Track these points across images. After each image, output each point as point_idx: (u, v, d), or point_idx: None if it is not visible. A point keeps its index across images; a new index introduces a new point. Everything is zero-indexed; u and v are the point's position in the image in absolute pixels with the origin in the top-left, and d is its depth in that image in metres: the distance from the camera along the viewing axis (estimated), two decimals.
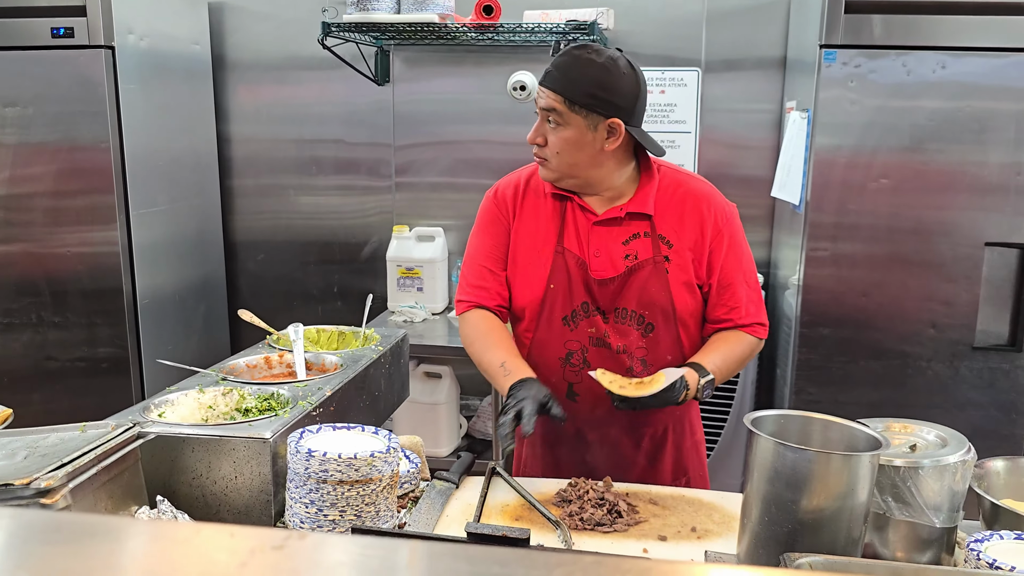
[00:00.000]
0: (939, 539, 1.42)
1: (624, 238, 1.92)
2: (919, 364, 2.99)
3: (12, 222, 3.26)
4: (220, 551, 0.62)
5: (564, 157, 1.85)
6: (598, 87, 1.79)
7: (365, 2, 3.27)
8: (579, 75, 1.80)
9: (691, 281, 1.91)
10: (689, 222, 1.92)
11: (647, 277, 1.90)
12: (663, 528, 1.64)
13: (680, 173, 2.00)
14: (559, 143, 1.84)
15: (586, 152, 1.84)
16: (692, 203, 1.93)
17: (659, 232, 1.91)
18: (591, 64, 1.79)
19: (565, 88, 1.80)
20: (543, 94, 1.83)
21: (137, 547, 0.65)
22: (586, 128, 1.81)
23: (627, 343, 1.93)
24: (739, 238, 1.97)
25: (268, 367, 2.12)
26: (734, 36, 3.52)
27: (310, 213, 3.99)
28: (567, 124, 1.82)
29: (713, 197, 1.96)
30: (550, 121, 1.84)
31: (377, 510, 1.51)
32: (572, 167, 1.87)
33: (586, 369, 1.91)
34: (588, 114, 1.80)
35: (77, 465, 1.36)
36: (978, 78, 2.84)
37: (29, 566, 0.59)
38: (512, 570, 0.60)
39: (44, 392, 3.35)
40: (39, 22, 3.12)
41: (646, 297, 1.90)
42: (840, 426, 1.47)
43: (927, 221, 2.93)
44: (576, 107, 1.80)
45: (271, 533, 0.63)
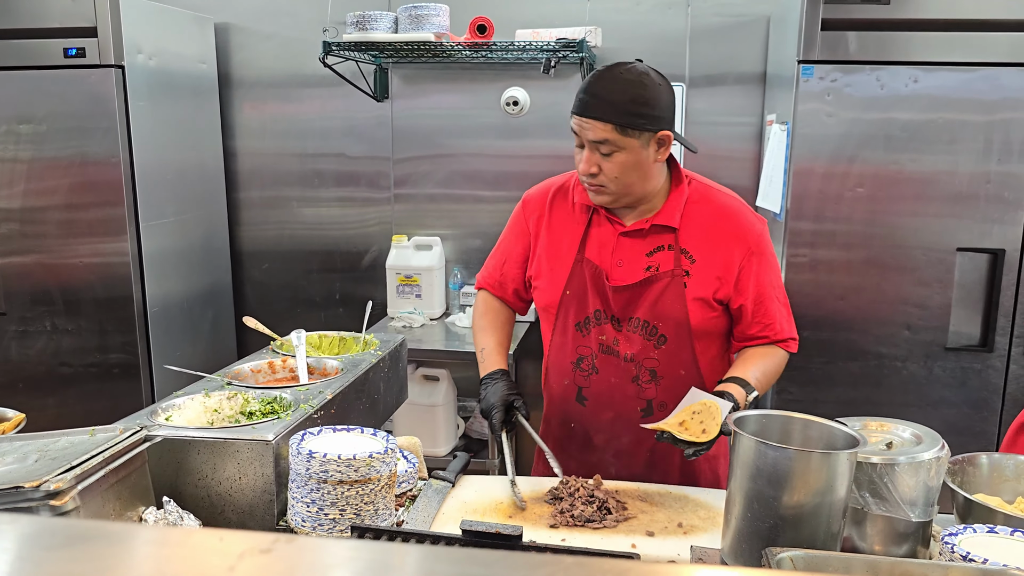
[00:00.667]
0: (915, 533, 1.43)
1: (649, 249, 1.91)
2: (895, 364, 3.07)
3: (27, 234, 3.31)
4: (209, 555, 0.62)
5: (623, 179, 1.83)
6: (643, 105, 1.76)
7: (364, 22, 3.33)
8: (622, 99, 1.76)
9: (709, 297, 1.88)
10: (717, 239, 1.89)
11: (663, 289, 1.88)
12: (651, 524, 1.67)
13: (710, 188, 1.97)
14: (616, 168, 1.81)
15: (642, 169, 1.83)
16: (722, 220, 1.90)
17: (682, 246, 1.89)
18: (629, 84, 1.76)
19: (612, 115, 1.76)
20: (589, 126, 1.78)
21: (129, 552, 0.65)
22: (640, 148, 1.79)
23: (636, 352, 1.93)
24: (770, 255, 1.93)
25: (272, 372, 2.13)
26: (716, 53, 3.58)
27: (313, 224, 4.05)
28: (622, 148, 1.78)
29: (743, 214, 1.92)
30: (602, 151, 1.80)
31: (376, 509, 1.52)
32: (629, 187, 1.85)
33: (595, 375, 1.96)
34: (640, 134, 1.78)
35: (86, 468, 1.36)
36: (948, 91, 2.92)
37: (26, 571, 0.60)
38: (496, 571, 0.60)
39: (58, 397, 3.39)
40: (52, 43, 3.18)
41: (659, 308, 1.89)
42: (819, 425, 1.48)
43: (901, 228, 3.01)
44: (628, 130, 1.76)
45: (260, 537, 0.63)
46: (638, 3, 3.62)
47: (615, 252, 1.93)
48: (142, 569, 0.61)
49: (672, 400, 1.90)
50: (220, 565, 0.59)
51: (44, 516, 1.28)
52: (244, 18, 3.93)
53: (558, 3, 3.64)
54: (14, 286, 3.37)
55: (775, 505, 1.36)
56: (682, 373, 1.94)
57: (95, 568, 0.59)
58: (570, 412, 2.06)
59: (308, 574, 0.60)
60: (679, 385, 1.91)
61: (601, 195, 1.88)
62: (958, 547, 1.30)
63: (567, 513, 1.69)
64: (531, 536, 1.61)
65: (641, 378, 1.95)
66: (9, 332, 3.40)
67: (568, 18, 3.56)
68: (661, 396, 1.96)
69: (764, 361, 1.92)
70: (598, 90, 1.78)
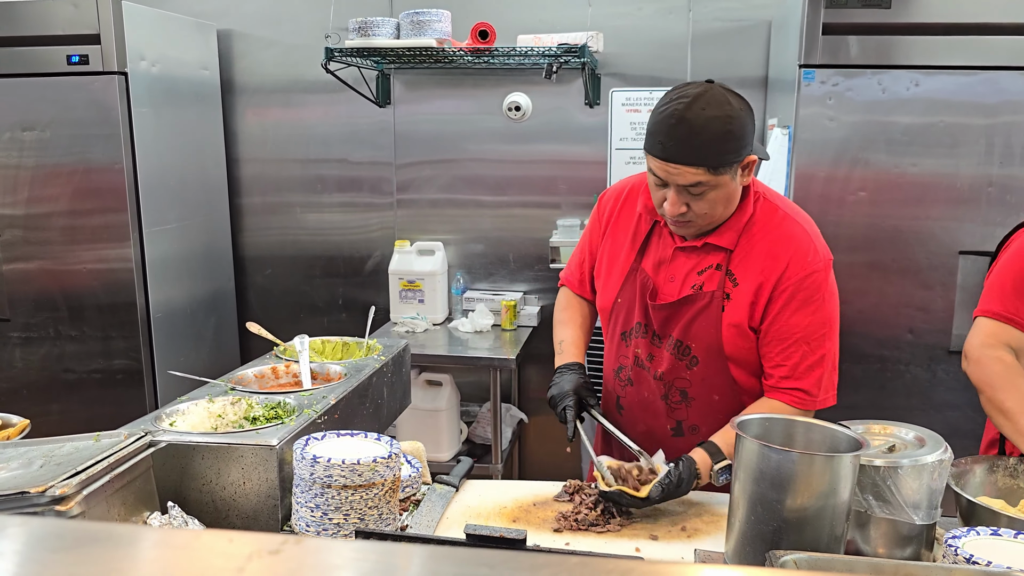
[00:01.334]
0: (918, 536, 1.43)
1: (700, 268, 1.84)
2: (897, 368, 3.07)
3: (31, 240, 3.33)
4: (218, 556, 0.62)
5: (712, 214, 1.76)
6: (734, 141, 1.67)
7: (366, 28, 3.34)
8: (710, 139, 1.65)
9: (743, 323, 1.79)
10: (764, 264, 1.78)
11: (700, 310, 1.82)
12: (655, 528, 1.68)
13: (777, 209, 1.83)
14: (707, 205, 1.73)
15: (731, 199, 1.77)
16: (775, 246, 1.79)
17: (731, 267, 1.81)
18: (715, 121, 1.65)
19: (705, 159, 1.66)
20: (677, 171, 1.68)
21: (138, 554, 0.65)
22: (731, 180, 1.72)
23: (666, 371, 1.88)
24: (812, 295, 1.76)
25: (275, 377, 2.13)
26: (718, 57, 3.60)
27: (315, 229, 4.06)
28: (716, 187, 1.70)
29: (799, 242, 1.78)
30: (692, 192, 1.71)
31: (380, 513, 1.52)
32: (717, 218, 1.79)
33: (630, 387, 1.95)
34: (730, 167, 1.70)
35: (90, 473, 1.36)
36: (949, 95, 2.93)
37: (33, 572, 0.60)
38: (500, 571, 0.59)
39: (61, 403, 3.40)
40: (56, 50, 3.20)
41: (693, 329, 1.83)
42: (822, 428, 1.48)
43: (904, 231, 3.01)
44: (721, 169, 1.68)
45: (269, 538, 0.63)
46: (640, 8, 3.63)
47: (669, 266, 1.88)
48: (151, 571, 0.62)
49: (705, 424, 1.88)
50: (229, 566, 0.59)
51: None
52: (246, 25, 3.94)
53: (560, 8, 3.65)
54: (18, 292, 3.38)
55: (778, 508, 1.36)
56: (716, 398, 1.87)
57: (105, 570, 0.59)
58: (612, 418, 2.04)
59: (316, 575, 0.60)
60: (714, 411, 1.87)
61: (687, 228, 1.81)
62: (962, 550, 1.29)
63: (571, 517, 1.70)
64: (535, 540, 1.62)
65: (671, 397, 1.91)
66: (13, 338, 3.41)
67: (570, 23, 3.57)
68: (693, 419, 1.91)
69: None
70: (682, 133, 1.66)
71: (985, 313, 1.91)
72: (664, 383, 1.90)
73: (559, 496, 1.82)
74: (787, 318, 1.76)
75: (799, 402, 1.79)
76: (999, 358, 1.83)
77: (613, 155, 3.66)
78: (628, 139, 3.64)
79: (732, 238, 1.81)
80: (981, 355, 1.85)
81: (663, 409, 1.93)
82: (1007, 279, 1.90)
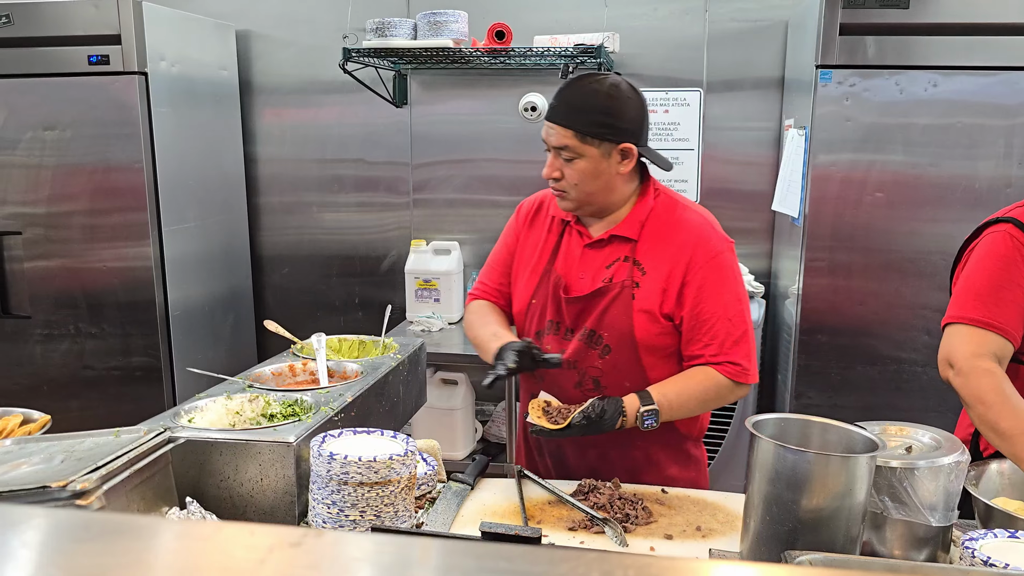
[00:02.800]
0: (935, 537, 1.43)
1: (608, 261, 1.93)
2: (914, 369, 3.06)
3: (52, 239, 3.36)
4: (240, 548, 0.63)
5: (582, 187, 1.85)
6: (606, 115, 1.79)
7: (383, 28, 3.35)
8: (586, 106, 1.79)
9: (654, 310, 1.87)
10: (670, 252, 1.88)
11: (611, 300, 1.89)
12: (669, 527, 1.68)
13: (676, 202, 1.96)
14: (576, 175, 1.84)
15: (603, 179, 1.85)
16: (680, 234, 1.89)
17: (637, 257, 1.90)
18: (596, 94, 1.79)
19: (574, 122, 1.79)
20: (553, 131, 1.82)
21: (161, 545, 0.65)
22: (600, 157, 1.82)
23: (580, 360, 1.94)
24: (723, 275, 1.88)
25: (292, 375, 2.15)
26: (734, 58, 3.59)
27: (332, 229, 4.08)
28: (582, 156, 1.81)
29: (702, 228, 1.90)
30: (563, 156, 1.83)
31: (395, 510, 1.53)
32: (590, 195, 1.87)
33: (542, 384, 1.97)
34: (600, 143, 1.80)
35: (111, 468, 1.37)
36: (968, 96, 2.91)
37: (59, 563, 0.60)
38: (519, 566, 0.60)
39: (81, 399, 3.43)
40: (77, 50, 3.22)
41: (607, 319, 1.89)
42: (838, 429, 1.48)
43: (921, 232, 3.00)
44: (588, 138, 1.79)
45: (290, 531, 0.64)
46: (656, 9, 3.63)
47: (579, 264, 1.95)
48: (175, 561, 0.62)
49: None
50: (251, 558, 0.60)
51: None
52: (265, 25, 3.97)
53: (576, 9, 3.65)
54: (39, 290, 3.42)
55: (794, 509, 1.36)
56: (627, 385, 1.91)
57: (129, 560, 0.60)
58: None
59: (336, 567, 0.61)
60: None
61: (564, 201, 1.91)
62: (979, 552, 1.30)
63: (586, 517, 1.70)
64: (550, 539, 1.63)
65: (584, 385, 1.96)
66: (34, 335, 3.45)
67: (586, 24, 3.58)
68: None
69: (687, 381, 1.88)
70: (566, 96, 1.82)
71: (964, 320, 1.84)
72: (578, 372, 1.95)
73: (574, 495, 1.82)
74: (705, 299, 1.85)
75: (735, 375, 1.86)
76: (989, 370, 1.77)
77: None
78: None
79: (636, 228, 1.90)
80: (972, 367, 1.78)
81: (577, 397, 1.95)
82: (981, 283, 1.86)
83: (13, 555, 0.59)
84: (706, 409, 1.95)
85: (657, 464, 2.02)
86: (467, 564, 0.62)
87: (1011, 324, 1.81)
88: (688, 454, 2.06)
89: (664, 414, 1.81)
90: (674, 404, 1.83)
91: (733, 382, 1.86)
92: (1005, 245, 1.86)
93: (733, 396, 1.91)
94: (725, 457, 3.29)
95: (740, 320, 1.88)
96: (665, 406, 1.82)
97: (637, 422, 1.79)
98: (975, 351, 1.80)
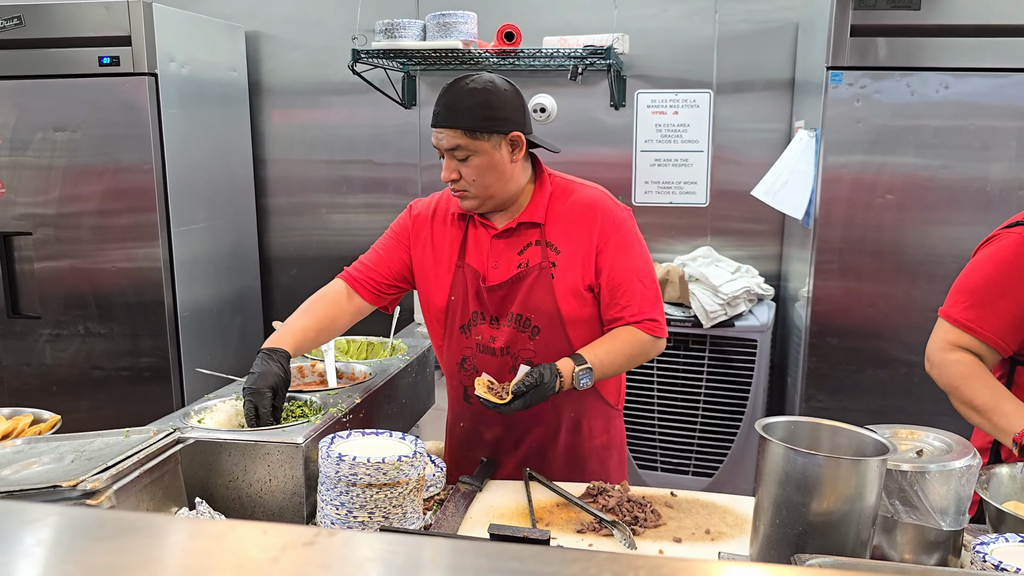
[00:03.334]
0: (946, 542, 1.42)
1: (519, 248, 1.99)
2: (924, 373, 3.05)
3: (61, 239, 3.38)
4: (254, 547, 0.64)
5: (480, 182, 1.92)
6: (488, 109, 1.87)
7: (393, 30, 3.36)
8: (468, 105, 1.87)
9: (578, 286, 1.96)
10: (579, 228, 1.96)
11: (532, 282, 1.96)
12: (678, 530, 1.68)
13: (571, 182, 2.05)
14: (472, 172, 1.90)
15: (498, 171, 1.91)
16: (581, 210, 1.97)
17: (548, 239, 1.97)
18: (474, 92, 1.87)
19: (460, 121, 1.87)
20: (442, 135, 1.89)
21: (175, 542, 0.66)
22: (491, 150, 1.89)
23: (511, 345, 2.01)
24: (629, 240, 1.98)
25: (301, 376, 2.18)
26: (744, 59, 3.58)
27: (340, 230, 4.09)
28: (474, 152, 1.88)
29: (602, 202, 1.99)
30: (457, 157, 1.90)
31: (404, 512, 1.55)
32: (489, 189, 1.93)
33: (476, 374, 1.99)
34: (489, 136, 1.88)
35: (121, 468, 1.39)
36: (980, 97, 2.91)
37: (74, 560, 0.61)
38: (529, 566, 0.60)
39: (90, 399, 3.45)
40: (87, 51, 3.24)
41: (531, 302, 1.97)
42: (848, 432, 1.47)
43: (932, 235, 2.99)
44: (477, 134, 1.87)
45: (302, 530, 0.65)
46: (665, 10, 3.62)
47: (490, 255, 2.01)
48: (189, 559, 0.63)
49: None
50: (264, 556, 0.60)
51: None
52: (274, 27, 3.98)
53: (585, 10, 3.65)
54: (49, 290, 3.43)
55: (804, 512, 1.35)
56: None
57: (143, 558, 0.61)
58: (460, 412, 2.15)
59: (349, 565, 0.61)
60: None
61: (466, 200, 1.97)
62: (990, 556, 1.29)
63: (594, 519, 1.70)
64: (558, 541, 1.63)
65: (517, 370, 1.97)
66: (44, 336, 3.46)
67: (595, 25, 3.57)
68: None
69: (613, 341, 1.96)
70: (447, 101, 1.89)
71: (947, 317, 1.93)
72: (511, 356, 2.01)
73: (582, 497, 1.82)
74: (618, 263, 1.95)
75: (653, 330, 1.97)
76: (958, 360, 1.88)
77: (638, 156, 3.66)
78: (653, 141, 3.64)
79: (540, 212, 1.98)
80: (941, 360, 1.91)
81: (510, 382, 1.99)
82: (974, 284, 1.91)
83: (29, 552, 0.59)
84: (632, 364, 2.02)
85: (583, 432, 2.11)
86: (479, 564, 0.62)
87: (998, 332, 1.86)
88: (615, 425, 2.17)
89: (597, 372, 1.89)
90: (604, 362, 1.91)
91: (653, 337, 1.98)
92: (1014, 251, 1.86)
93: (654, 351, 2.01)
94: (734, 460, 3.29)
95: (651, 280, 2.00)
96: (597, 364, 1.89)
97: (573, 382, 1.86)
98: (945, 346, 1.90)
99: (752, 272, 3.44)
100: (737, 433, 3.27)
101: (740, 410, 3.27)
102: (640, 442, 3.38)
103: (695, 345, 3.25)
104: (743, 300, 3.24)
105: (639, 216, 3.77)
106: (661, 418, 3.33)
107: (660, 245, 3.75)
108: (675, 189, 3.67)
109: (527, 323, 1.99)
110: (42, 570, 0.58)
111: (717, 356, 3.24)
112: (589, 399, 2.07)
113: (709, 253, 3.58)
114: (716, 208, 3.69)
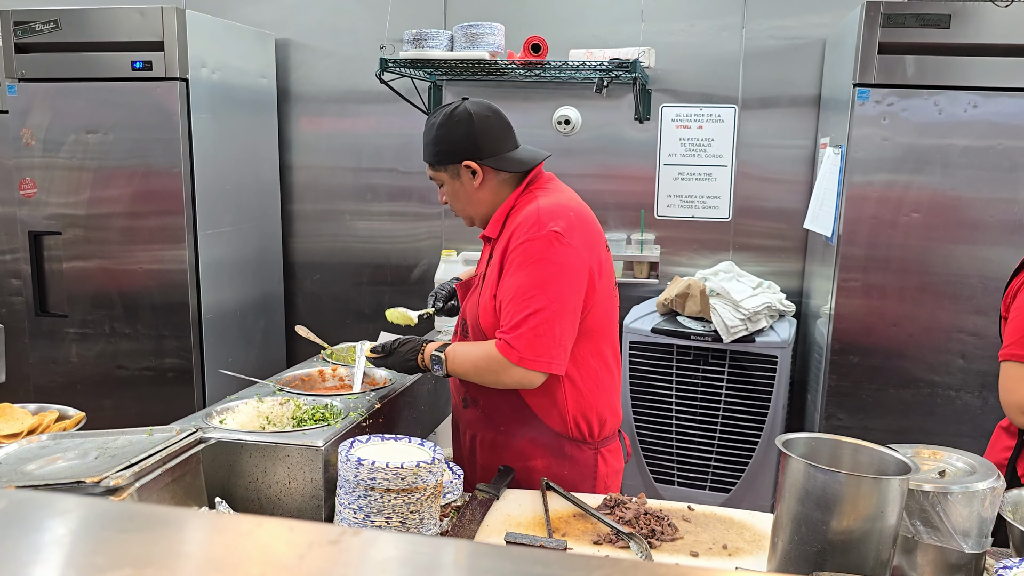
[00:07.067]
0: (967, 564, 1.41)
1: (484, 258, 2.12)
2: (948, 394, 3.01)
3: (91, 240, 3.43)
4: (280, 543, 0.64)
5: (455, 206, 2.09)
6: (437, 144, 2.00)
7: (420, 40, 3.37)
8: (427, 141, 2.03)
9: (489, 295, 2.00)
10: (506, 244, 1.99)
11: (473, 292, 2.11)
12: (695, 544, 1.66)
13: (534, 197, 2.01)
14: (448, 198, 2.08)
15: (463, 196, 2.05)
16: (512, 226, 1.99)
17: (494, 252, 2.05)
18: (431, 128, 2.02)
19: (427, 156, 2.04)
20: (426, 167, 2.08)
21: (203, 537, 0.67)
22: (452, 179, 2.03)
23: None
24: (525, 260, 1.91)
25: (322, 380, 2.20)
26: (770, 75, 3.58)
27: (365, 237, 4.12)
28: (442, 181, 2.05)
29: (526, 217, 1.95)
30: (437, 184, 2.09)
31: (421, 518, 1.55)
32: (464, 211, 2.09)
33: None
34: (446, 167, 2.02)
35: (144, 466, 1.41)
36: (1009, 117, 2.88)
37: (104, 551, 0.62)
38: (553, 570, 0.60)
39: (115, 398, 3.49)
40: (121, 56, 3.30)
41: (472, 310, 2.08)
42: (870, 450, 1.46)
43: (957, 255, 2.97)
44: (437, 166, 2.03)
45: (328, 528, 0.65)
46: (692, 25, 3.63)
47: (479, 266, 2.17)
48: (217, 553, 0.64)
49: (481, 397, 2.07)
50: (291, 553, 0.61)
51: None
52: (304, 35, 4.02)
53: (612, 24, 3.66)
54: (77, 290, 3.48)
55: (823, 530, 1.34)
56: None
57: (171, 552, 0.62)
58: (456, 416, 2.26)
59: (374, 564, 0.62)
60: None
61: (464, 221, 2.14)
62: None
63: (611, 531, 1.69)
64: (575, 552, 1.61)
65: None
66: (70, 334, 3.51)
67: (622, 39, 3.58)
68: (472, 392, 2.09)
69: (474, 347, 1.99)
70: (423, 136, 2.07)
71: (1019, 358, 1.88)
72: None
73: (599, 509, 1.82)
74: (506, 281, 1.96)
75: (505, 352, 1.88)
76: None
77: (662, 170, 3.66)
78: (677, 155, 3.64)
79: (496, 228, 2.06)
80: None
81: (454, 384, 2.17)
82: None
83: (60, 542, 0.60)
84: (481, 377, 1.97)
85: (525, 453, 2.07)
86: (503, 567, 0.62)
87: None
88: (564, 452, 2.06)
89: (448, 364, 1.97)
90: (457, 360, 1.97)
91: (506, 360, 1.88)
92: None
93: (509, 376, 1.90)
94: (751, 477, 3.27)
95: (527, 303, 1.88)
96: (450, 358, 1.97)
97: (426, 360, 1.99)
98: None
99: (774, 288, 3.43)
100: (755, 449, 3.25)
101: (759, 426, 3.25)
102: (657, 455, 3.37)
103: (715, 360, 3.24)
104: (764, 316, 3.22)
105: (662, 230, 3.79)
106: (679, 432, 3.32)
107: (682, 259, 3.75)
108: (698, 203, 3.66)
109: (467, 330, 2.10)
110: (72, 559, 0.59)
111: (737, 371, 3.22)
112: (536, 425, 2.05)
113: (731, 268, 3.57)
114: (739, 223, 3.68)
